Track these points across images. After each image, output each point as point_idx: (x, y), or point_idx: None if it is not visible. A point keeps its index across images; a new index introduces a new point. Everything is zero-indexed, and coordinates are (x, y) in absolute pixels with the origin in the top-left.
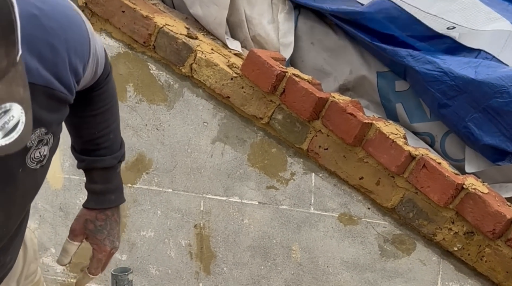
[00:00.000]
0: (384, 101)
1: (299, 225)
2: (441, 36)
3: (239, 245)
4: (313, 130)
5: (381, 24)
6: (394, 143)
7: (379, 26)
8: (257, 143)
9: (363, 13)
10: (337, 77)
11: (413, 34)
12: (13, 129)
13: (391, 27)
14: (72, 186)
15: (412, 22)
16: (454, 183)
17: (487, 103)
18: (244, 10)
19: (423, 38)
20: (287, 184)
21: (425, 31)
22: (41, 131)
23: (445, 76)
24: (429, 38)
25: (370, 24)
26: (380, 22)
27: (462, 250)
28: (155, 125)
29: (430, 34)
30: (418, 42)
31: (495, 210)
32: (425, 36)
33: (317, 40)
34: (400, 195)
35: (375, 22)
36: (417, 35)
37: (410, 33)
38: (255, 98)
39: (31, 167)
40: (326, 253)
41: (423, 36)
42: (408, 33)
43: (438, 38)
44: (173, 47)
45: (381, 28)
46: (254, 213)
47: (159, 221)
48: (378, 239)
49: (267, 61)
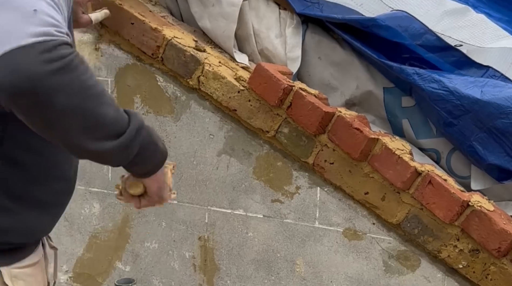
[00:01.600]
0: (391, 116)
1: (303, 239)
2: (451, 49)
3: (243, 258)
4: (319, 145)
5: (391, 31)
6: (400, 158)
7: (389, 34)
8: (262, 156)
9: (375, 19)
10: (343, 92)
11: (423, 44)
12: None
13: (401, 35)
14: (77, 196)
15: (424, 32)
16: (459, 200)
17: (492, 123)
18: (252, 24)
19: (433, 49)
20: (292, 197)
21: (436, 42)
22: None
23: (451, 96)
24: (439, 49)
25: (380, 32)
26: (391, 29)
27: (467, 267)
28: (161, 137)
29: (440, 45)
30: (428, 52)
31: (500, 228)
32: (435, 46)
33: (324, 55)
34: (405, 210)
35: (386, 30)
36: (427, 45)
37: (420, 43)
38: (261, 111)
39: None
40: (330, 268)
41: (433, 47)
42: (418, 43)
43: (448, 50)
44: (181, 59)
45: (391, 36)
46: (259, 226)
47: (163, 232)
48: (383, 254)
49: (274, 75)
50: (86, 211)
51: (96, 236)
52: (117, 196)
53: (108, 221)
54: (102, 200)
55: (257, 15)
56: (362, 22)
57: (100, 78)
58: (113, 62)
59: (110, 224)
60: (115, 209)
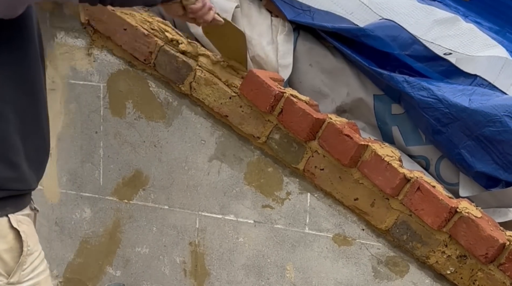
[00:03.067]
0: (381, 123)
1: (293, 245)
2: (439, 59)
3: (233, 264)
4: (309, 151)
5: (380, 41)
6: (389, 165)
7: (378, 44)
8: (253, 162)
9: (364, 29)
10: (334, 99)
11: (411, 54)
12: None
13: (390, 45)
14: (69, 200)
15: (412, 41)
16: (448, 206)
17: (480, 131)
18: (244, 30)
19: (421, 59)
20: (283, 203)
21: (424, 52)
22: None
23: (440, 104)
24: (427, 59)
25: (369, 42)
26: (380, 39)
27: (455, 273)
28: (153, 142)
29: (429, 55)
30: (416, 62)
31: (488, 234)
32: (423, 56)
33: (315, 62)
34: (394, 217)
35: (375, 40)
36: (416, 55)
37: (409, 53)
38: (253, 117)
39: None
40: (320, 273)
41: (421, 57)
42: (407, 53)
43: (436, 60)
44: (173, 65)
45: (380, 46)
46: (249, 231)
47: (154, 237)
48: (372, 260)
49: (266, 81)
50: (77, 216)
51: (87, 241)
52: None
53: (99, 226)
54: (93, 205)
55: (249, 22)
56: (351, 32)
57: (92, 83)
58: (105, 67)
59: (101, 229)
60: (106, 214)
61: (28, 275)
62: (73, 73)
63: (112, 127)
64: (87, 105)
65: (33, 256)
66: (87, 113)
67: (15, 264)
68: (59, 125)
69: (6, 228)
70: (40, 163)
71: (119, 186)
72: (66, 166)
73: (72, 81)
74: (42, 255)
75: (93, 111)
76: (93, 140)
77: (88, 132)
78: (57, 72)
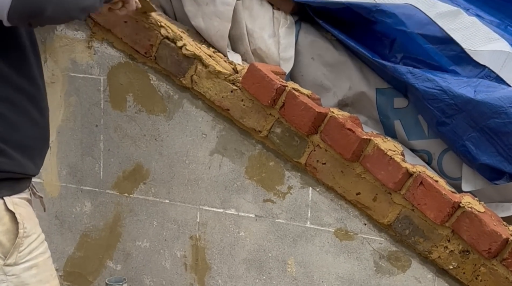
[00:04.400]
0: (383, 117)
1: (295, 239)
2: (451, 42)
3: (234, 258)
4: (311, 145)
5: (395, 18)
6: (391, 159)
7: (393, 21)
8: (255, 156)
9: (379, 5)
10: (336, 92)
11: (424, 33)
12: None
13: (404, 23)
14: (69, 194)
15: (427, 22)
16: (450, 201)
17: (485, 123)
18: (246, 23)
19: (434, 40)
20: (284, 197)
21: (438, 33)
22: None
23: (444, 95)
24: (439, 41)
25: (384, 18)
26: (394, 16)
27: (458, 268)
28: (153, 135)
29: (442, 36)
30: (427, 43)
31: (491, 229)
32: (436, 37)
33: (317, 55)
34: (396, 211)
35: (390, 16)
36: (429, 35)
37: (422, 32)
38: (254, 111)
39: None
40: (321, 268)
41: (434, 38)
42: (420, 32)
43: (448, 43)
44: (174, 58)
45: (393, 24)
46: (250, 226)
47: (155, 231)
48: (374, 255)
49: (267, 75)
50: (78, 210)
51: (87, 234)
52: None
53: (99, 220)
54: (93, 199)
55: (250, 14)
56: (366, 7)
57: (93, 76)
58: (105, 60)
59: (101, 223)
60: (107, 207)
61: (25, 256)
62: (73, 66)
63: (113, 120)
64: (87, 99)
65: (30, 238)
66: (87, 107)
67: (11, 246)
68: (59, 119)
69: (2, 210)
70: (33, 150)
71: (119, 179)
72: (66, 159)
73: (72, 74)
74: (41, 237)
75: (94, 104)
76: (93, 134)
77: (88, 126)
78: (57, 65)
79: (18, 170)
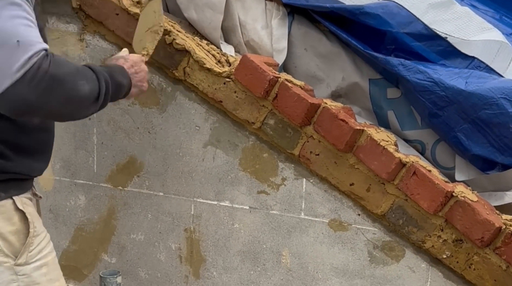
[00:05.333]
0: (376, 108)
1: (289, 230)
2: (438, 38)
3: (229, 250)
4: (304, 136)
5: (379, 19)
6: (385, 149)
7: (377, 22)
8: (248, 148)
9: (362, 7)
10: (329, 83)
11: (410, 32)
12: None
13: (389, 23)
14: (63, 188)
15: (412, 20)
16: (443, 191)
17: (477, 114)
18: (238, 15)
19: (420, 38)
20: (278, 189)
21: (423, 30)
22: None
23: (436, 87)
24: (426, 38)
25: (368, 20)
26: (378, 17)
27: (451, 257)
28: (147, 128)
29: (427, 34)
30: (414, 41)
31: (484, 218)
32: (422, 35)
33: (310, 46)
34: (390, 201)
35: (374, 18)
36: (414, 33)
37: (407, 31)
38: (247, 103)
39: None
40: (316, 258)
41: (419, 35)
42: (405, 31)
43: (434, 39)
44: (166, 50)
45: (378, 25)
46: (245, 217)
47: (149, 224)
48: (368, 245)
49: (260, 66)
50: (72, 203)
51: (81, 228)
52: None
53: (93, 213)
54: (87, 192)
55: (243, 6)
56: (350, 10)
57: None
58: (98, 53)
59: (95, 216)
60: (101, 201)
61: (36, 256)
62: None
63: (106, 114)
64: None
65: (39, 237)
66: None
67: (21, 245)
68: None
69: (11, 210)
70: (40, 153)
71: (113, 172)
72: (59, 153)
73: None
74: (48, 236)
75: None
76: (87, 127)
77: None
78: None
79: (25, 171)
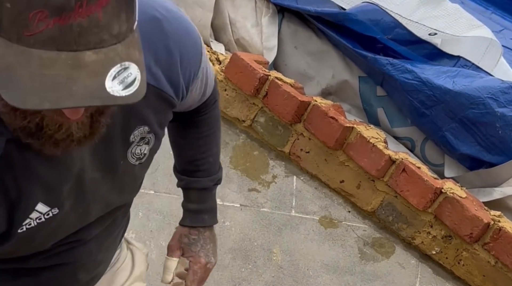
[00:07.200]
0: (366, 105)
1: (280, 228)
2: (422, 42)
3: (220, 247)
4: (295, 134)
5: (363, 26)
6: (374, 146)
7: (362, 28)
8: (239, 146)
9: (346, 14)
10: (319, 81)
11: (394, 38)
12: (131, 84)
13: (373, 30)
14: None
15: (395, 25)
16: (433, 187)
17: (464, 114)
18: (228, 13)
19: (404, 42)
20: (269, 186)
21: (407, 36)
22: (144, 129)
23: (424, 86)
24: (411, 43)
25: (353, 26)
26: (363, 24)
27: (440, 253)
28: None
29: (412, 39)
30: (399, 46)
31: (472, 214)
32: (406, 40)
33: (300, 44)
34: (380, 198)
35: (358, 24)
36: (399, 39)
37: (392, 37)
38: (237, 101)
39: (130, 162)
40: (306, 255)
41: (404, 40)
42: (390, 36)
43: (419, 43)
44: None
45: (363, 30)
46: (236, 215)
47: (140, 222)
48: (358, 242)
49: (250, 64)
50: None
51: None
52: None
53: None
54: None
55: (233, 4)
56: (335, 16)
57: None
58: None
59: None
60: None
61: None
62: None
63: None
64: None
65: None
66: None
67: None
68: None
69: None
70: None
71: None
72: None
73: None
74: None
75: None
76: None
77: None
78: None
79: None
